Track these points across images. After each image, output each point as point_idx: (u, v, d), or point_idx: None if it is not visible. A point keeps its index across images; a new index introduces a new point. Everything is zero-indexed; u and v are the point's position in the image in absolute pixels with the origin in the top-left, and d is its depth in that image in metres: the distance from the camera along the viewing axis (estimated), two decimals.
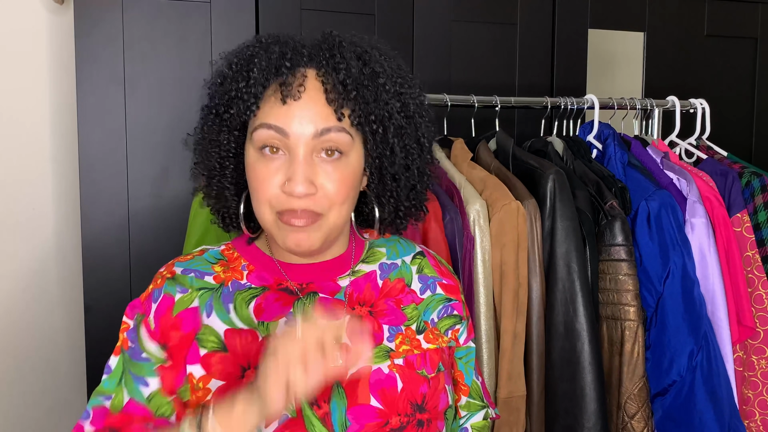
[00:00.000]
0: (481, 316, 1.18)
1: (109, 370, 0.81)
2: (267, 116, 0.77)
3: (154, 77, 1.50)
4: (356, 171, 0.81)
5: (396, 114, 0.81)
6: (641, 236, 1.27)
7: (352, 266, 0.88)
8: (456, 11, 1.70)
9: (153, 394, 0.79)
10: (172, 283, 0.83)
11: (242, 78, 0.79)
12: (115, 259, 1.49)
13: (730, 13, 1.94)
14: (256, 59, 0.79)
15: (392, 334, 0.85)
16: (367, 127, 0.80)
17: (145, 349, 0.80)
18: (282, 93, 0.76)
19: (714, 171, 1.47)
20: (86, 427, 0.78)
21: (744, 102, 1.99)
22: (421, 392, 0.82)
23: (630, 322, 1.21)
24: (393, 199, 0.86)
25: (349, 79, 0.78)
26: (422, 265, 0.92)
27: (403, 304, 0.88)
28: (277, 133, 0.76)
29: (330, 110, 0.77)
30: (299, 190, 0.75)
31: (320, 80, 0.78)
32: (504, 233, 1.18)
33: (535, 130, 1.56)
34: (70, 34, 1.55)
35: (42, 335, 1.74)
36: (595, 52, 1.83)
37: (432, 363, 0.85)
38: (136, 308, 0.83)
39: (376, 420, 0.79)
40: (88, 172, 1.46)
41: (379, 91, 0.80)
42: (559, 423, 1.19)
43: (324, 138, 0.77)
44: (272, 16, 1.56)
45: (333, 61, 0.78)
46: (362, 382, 0.80)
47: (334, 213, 0.79)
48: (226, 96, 0.80)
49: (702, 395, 1.23)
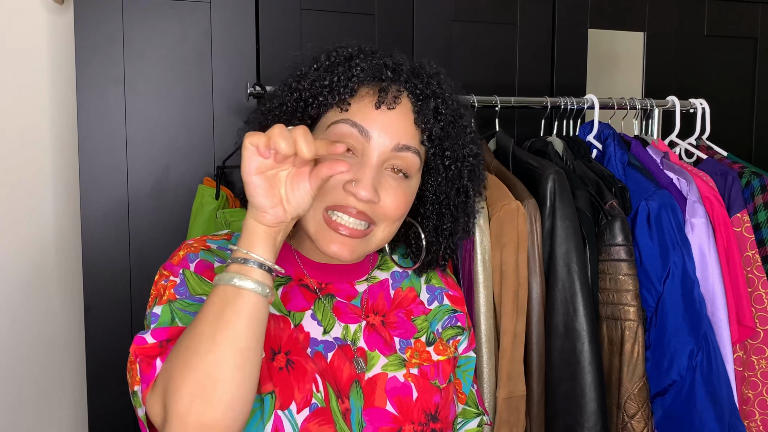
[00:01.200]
0: (481, 316, 1.18)
1: (156, 317, 0.75)
2: (355, 114, 0.77)
3: (154, 77, 1.50)
4: (413, 195, 0.81)
5: (470, 157, 0.83)
6: (641, 236, 1.27)
7: (370, 272, 0.89)
8: (456, 11, 1.70)
9: None
10: (209, 254, 0.81)
11: (342, 71, 0.79)
12: (115, 259, 1.49)
13: (730, 13, 1.94)
14: (358, 60, 0.80)
15: (403, 346, 0.85)
16: (441, 160, 0.81)
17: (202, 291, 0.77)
18: (378, 99, 0.77)
19: (714, 171, 1.47)
20: (148, 338, 0.73)
21: (744, 102, 1.99)
22: (435, 402, 0.83)
23: (630, 322, 1.21)
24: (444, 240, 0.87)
25: (442, 108, 0.80)
26: (430, 276, 0.93)
27: (414, 315, 0.88)
28: (360, 133, 0.76)
29: (415, 131, 0.78)
30: (364, 194, 0.74)
31: (413, 102, 0.79)
32: (504, 233, 1.18)
33: (535, 130, 1.56)
34: (70, 34, 1.55)
35: (42, 335, 1.74)
36: (595, 52, 1.83)
37: (444, 373, 0.86)
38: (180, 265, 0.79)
39: (389, 425, 0.79)
40: (88, 172, 1.46)
41: (461, 132, 0.82)
42: (559, 423, 1.19)
43: (400, 154, 0.77)
44: (272, 16, 1.56)
45: (430, 88, 0.80)
46: (379, 386, 0.80)
47: (384, 229, 0.79)
48: (317, 83, 0.79)
49: (702, 395, 1.23)
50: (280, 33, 1.57)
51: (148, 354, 0.72)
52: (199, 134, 1.52)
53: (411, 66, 0.83)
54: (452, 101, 0.83)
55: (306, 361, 0.77)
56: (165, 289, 0.77)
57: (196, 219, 1.38)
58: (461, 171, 0.83)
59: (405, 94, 0.79)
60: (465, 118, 0.84)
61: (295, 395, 0.75)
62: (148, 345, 0.72)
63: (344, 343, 0.82)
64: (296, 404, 0.75)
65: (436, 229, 0.87)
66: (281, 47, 1.57)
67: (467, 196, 0.86)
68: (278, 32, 1.57)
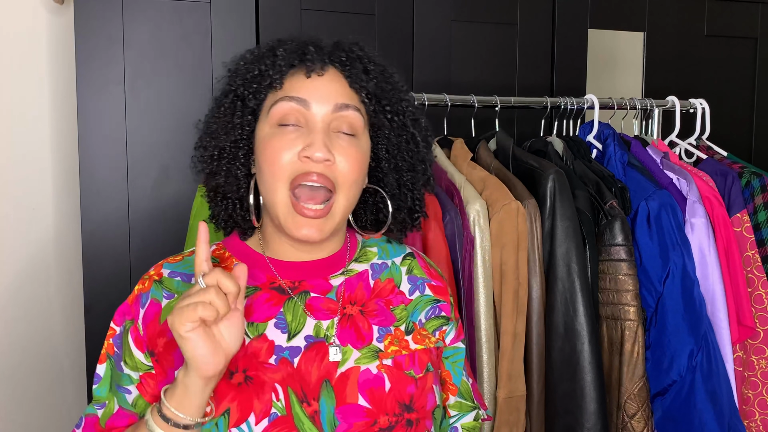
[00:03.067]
0: (481, 316, 1.18)
1: (98, 378, 0.84)
2: (290, 90, 0.81)
3: (154, 77, 1.50)
4: (366, 154, 0.84)
5: (410, 108, 0.87)
6: (641, 236, 1.27)
7: (346, 265, 0.89)
8: (456, 11, 1.70)
9: (135, 399, 0.82)
10: (159, 287, 0.83)
11: (267, 57, 0.83)
12: (115, 259, 1.49)
13: (730, 13, 1.94)
14: (279, 46, 0.84)
15: (382, 334, 0.85)
16: (383, 115, 0.85)
17: (130, 357, 0.82)
18: (307, 68, 0.81)
19: (714, 171, 1.47)
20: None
21: (744, 102, 1.99)
22: (409, 392, 0.83)
23: (630, 322, 1.21)
24: (408, 192, 0.90)
25: (370, 66, 0.84)
26: (412, 266, 0.93)
27: (393, 305, 0.88)
28: (299, 104, 0.80)
29: (350, 91, 0.83)
30: (319, 155, 0.77)
31: (340, 70, 0.83)
32: (504, 233, 1.18)
33: (535, 130, 1.56)
34: (70, 35, 1.55)
35: (42, 335, 1.74)
36: (595, 52, 1.83)
37: (420, 363, 0.86)
38: (125, 314, 0.84)
39: (364, 419, 0.79)
40: (88, 172, 1.46)
41: (395, 87, 0.86)
42: (559, 423, 1.19)
43: (342, 113, 0.81)
44: (272, 16, 1.56)
45: (353, 54, 0.84)
46: (351, 381, 0.81)
47: (344, 194, 0.81)
48: (248, 75, 0.83)
49: (702, 395, 1.23)
50: (280, 33, 1.55)
51: None
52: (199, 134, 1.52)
53: (331, 43, 0.87)
54: (378, 61, 0.87)
55: (265, 372, 0.79)
56: (107, 338, 0.85)
57: (196, 219, 1.38)
58: (404, 122, 0.87)
59: (332, 65, 0.83)
60: (394, 75, 0.88)
61: (254, 407, 0.77)
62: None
63: (317, 340, 0.82)
64: (255, 416, 0.76)
65: (398, 183, 0.89)
66: None
67: (416, 143, 0.89)
68: (278, 32, 1.56)
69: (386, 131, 0.86)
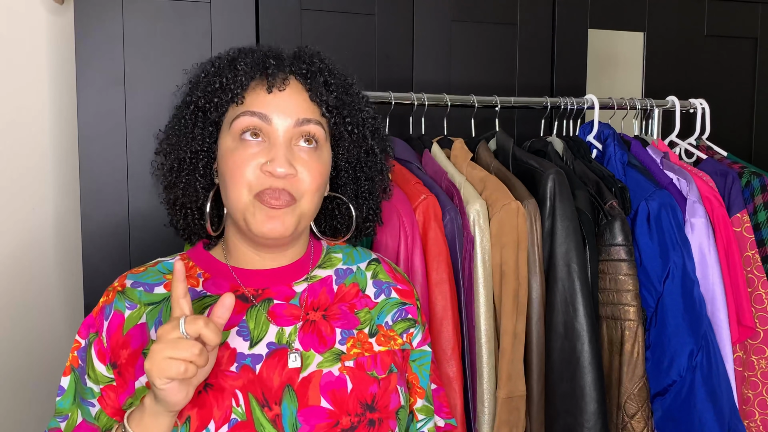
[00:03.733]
0: (481, 316, 1.18)
1: (62, 390, 0.85)
2: (251, 105, 0.82)
3: (154, 77, 1.50)
4: (327, 165, 0.86)
5: (370, 119, 0.89)
6: (641, 236, 1.27)
7: (309, 271, 0.90)
8: (456, 11, 1.70)
9: (98, 412, 0.83)
10: (122, 298, 0.85)
11: (228, 71, 0.83)
12: (115, 259, 1.48)
13: (730, 13, 1.94)
14: (240, 58, 0.84)
15: (344, 337, 0.86)
16: (344, 127, 0.87)
17: (93, 370, 0.83)
18: (268, 83, 0.82)
19: (714, 171, 1.47)
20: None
21: (744, 102, 1.99)
22: (371, 392, 0.84)
23: (630, 322, 1.21)
24: (365, 202, 0.92)
25: (332, 80, 0.86)
26: (377, 270, 0.94)
27: (357, 309, 0.89)
28: (260, 119, 0.81)
29: (311, 105, 0.84)
30: (280, 171, 0.79)
31: (302, 82, 0.84)
32: (504, 233, 1.18)
33: (535, 130, 1.57)
34: (70, 34, 1.55)
35: (42, 335, 1.74)
36: (595, 52, 1.83)
37: (383, 365, 0.86)
38: (90, 327, 0.85)
39: (326, 420, 0.80)
40: (88, 172, 1.46)
41: (355, 99, 0.88)
42: (559, 423, 1.19)
43: (303, 128, 0.82)
44: (272, 16, 1.56)
45: (314, 66, 0.85)
46: (313, 384, 0.81)
47: (307, 200, 0.83)
48: (209, 88, 0.84)
49: (702, 395, 1.23)
50: (280, 33, 1.57)
51: None
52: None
53: (292, 53, 0.88)
54: (339, 73, 0.88)
55: (225, 379, 0.80)
56: (72, 350, 0.85)
57: None
58: (364, 133, 0.89)
59: (293, 77, 0.84)
60: (354, 86, 0.89)
61: (214, 414, 0.78)
62: None
63: (279, 347, 0.83)
64: (215, 422, 0.77)
65: (355, 193, 0.92)
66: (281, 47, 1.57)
67: (375, 155, 0.91)
68: (278, 32, 1.57)
69: (346, 143, 0.88)
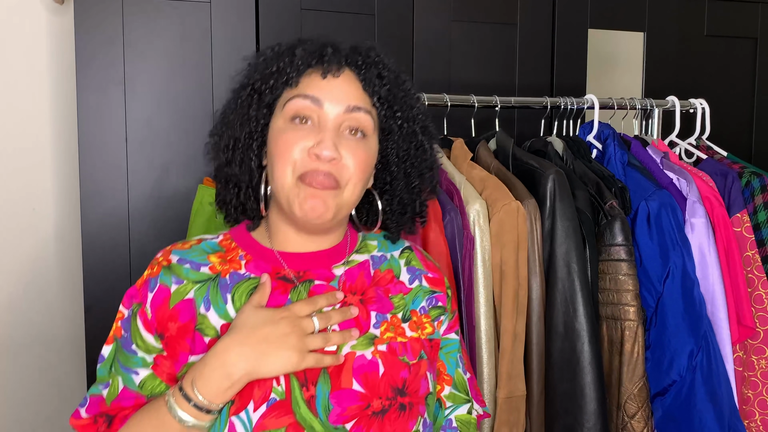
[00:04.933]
0: (481, 316, 1.18)
1: (102, 358, 0.86)
2: (305, 88, 0.84)
3: (154, 77, 1.50)
4: (373, 155, 0.87)
5: (420, 115, 0.91)
6: (641, 236, 1.27)
7: (347, 256, 0.92)
8: (456, 11, 1.70)
9: (144, 380, 0.83)
10: (168, 273, 0.85)
11: (286, 55, 0.86)
12: (115, 258, 1.49)
13: (730, 13, 1.94)
14: (299, 46, 0.87)
15: (379, 321, 0.88)
16: (393, 121, 0.88)
17: (140, 339, 0.84)
18: (324, 69, 0.84)
19: (714, 171, 1.47)
20: (82, 413, 0.84)
21: (744, 102, 1.99)
22: (402, 377, 0.85)
23: (630, 322, 1.21)
24: (417, 198, 0.94)
25: (385, 72, 0.87)
26: (410, 258, 0.97)
27: (392, 293, 0.91)
28: (312, 103, 0.83)
29: (363, 94, 0.86)
30: (326, 153, 0.81)
31: (356, 72, 0.86)
32: (504, 233, 1.18)
33: (535, 130, 1.57)
34: (70, 34, 1.55)
35: (42, 335, 1.74)
36: (595, 52, 1.83)
37: (413, 351, 0.88)
38: (133, 297, 0.86)
39: (357, 403, 0.82)
40: (88, 172, 1.46)
41: (407, 95, 0.90)
42: (558, 423, 1.19)
43: (353, 115, 0.84)
44: (272, 16, 1.56)
45: (369, 59, 0.87)
46: (346, 368, 0.83)
47: (350, 189, 0.84)
48: (267, 71, 0.86)
49: (702, 395, 1.23)
50: (280, 33, 1.57)
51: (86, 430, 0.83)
52: (199, 134, 1.52)
53: (349, 45, 0.90)
54: (393, 68, 0.90)
55: None
56: (116, 321, 0.87)
57: (196, 219, 1.38)
58: (414, 129, 0.90)
59: (348, 67, 0.86)
60: (407, 83, 0.91)
61: (254, 393, 0.79)
62: (84, 421, 0.84)
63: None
64: (254, 402, 0.79)
65: (406, 186, 0.93)
66: None
67: (425, 151, 0.92)
68: (278, 32, 1.57)
69: (396, 137, 0.90)
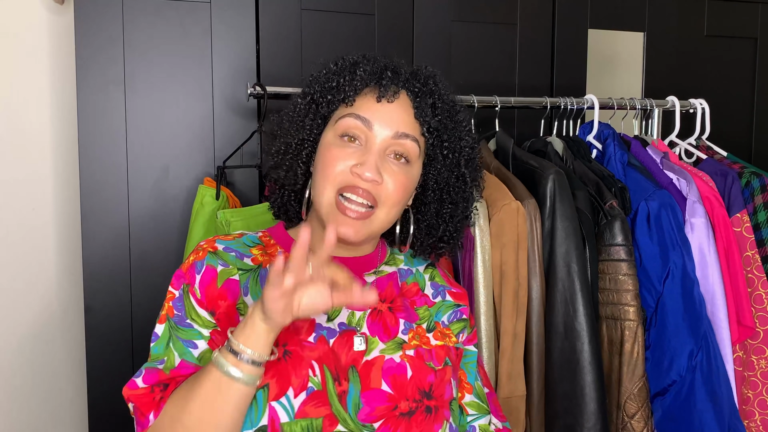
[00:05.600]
0: (481, 316, 1.18)
1: (156, 336, 0.87)
2: (359, 108, 0.87)
3: (154, 77, 1.50)
4: (414, 181, 0.91)
5: (467, 148, 0.93)
6: (641, 236, 1.27)
7: (378, 266, 0.96)
8: (456, 11, 1.70)
9: (203, 353, 0.85)
10: (214, 257, 0.89)
11: (347, 73, 0.89)
12: (115, 259, 1.48)
13: (730, 13, 1.94)
14: (361, 64, 0.89)
15: (406, 328, 0.92)
16: (439, 150, 0.91)
17: (197, 315, 0.86)
18: (380, 92, 0.87)
19: (714, 171, 1.47)
20: (139, 383, 0.84)
21: (744, 102, 1.99)
22: (429, 381, 0.89)
23: (630, 322, 1.21)
24: (443, 224, 0.96)
25: (439, 104, 0.90)
26: (434, 274, 1.01)
27: (417, 305, 0.95)
28: (363, 124, 0.86)
29: (414, 123, 0.88)
30: (368, 175, 0.84)
31: (411, 99, 0.89)
32: (504, 233, 1.18)
33: (535, 130, 1.56)
34: (70, 34, 1.55)
35: (42, 335, 1.74)
36: (595, 52, 1.83)
37: (438, 357, 0.92)
38: (181, 278, 0.88)
39: (386, 404, 0.85)
40: (88, 172, 1.46)
41: (457, 125, 0.93)
42: (558, 423, 1.19)
43: (400, 141, 0.87)
44: (272, 16, 1.56)
45: (427, 87, 0.90)
46: (375, 368, 0.86)
47: (385, 211, 0.88)
48: (327, 85, 0.90)
49: (702, 395, 1.23)
50: (280, 33, 1.57)
51: (142, 401, 0.82)
52: (199, 134, 1.52)
53: (410, 69, 0.93)
54: (448, 98, 0.92)
55: (303, 348, 0.84)
56: (167, 301, 0.88)
57: (196, 219, 1.38)
58: (459, 160, 0.93)
59: (404, 92, 0.89)
60: (460, 113, 0.94)
61: (292, 381, 0.82)
62: (140, 390, 0.83)
63: (349, 329, 0.89)
64: (293, 389, 0.81)
65: (437, 213, 0.95)
66: (281, 47, 1.57)
67: (465, 182, 0.95)
68: (278, 32, 1.57)
69: (438, 165, 0.92)
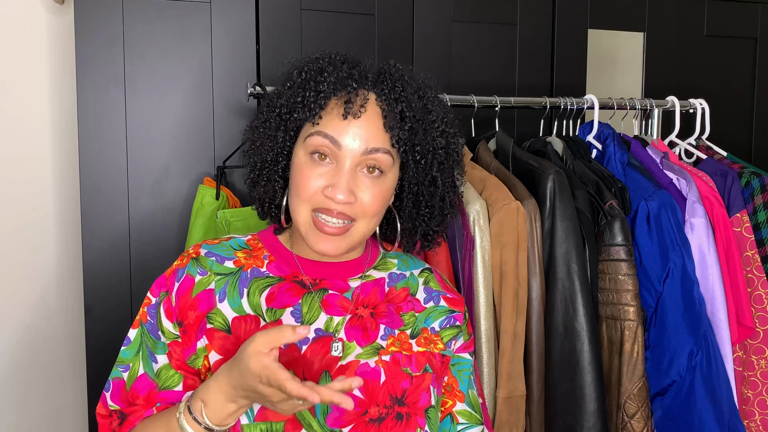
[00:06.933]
0: (481, 316, 1.18)
1: (128, 341, 0.90)
2: (325, 126, 0.85)
3: (154, 77, 1.50)
4: (390, 189, 0.90)
5: (440, 150, 0.91)
6: (641, 236, 1.27)
7: (365, 270, 0.95)
8: (456, 11, 1.70)
9: (161, 369, 0.88)
10: (195, 264, 0.91)
11: (310, 87, 0.87)
12: (115, 259, 1.49)
13: (730, 13, 1.94)
14: (325, 73, 0.87)
15: (386, 334, 0.91)
16: (411, 156, 0.89)
17: (161, 326, 0.88)
18: (345, 109, 0.84)
19: (714, 171, 1.47)
20: (107, 399, 0.89)
21: (744, 102, 1.99)
22: (402, 387, 0.88)
23: (629, 322, 1.21)
24: (420, 225, 0.95)
25: (408, 112, 0.87)
26: (428, 279, 1.00)
27: (403, 311, 0.94)
28: (331, 143, 0.84)
29: (383, 134, 0.86)
30: (340, 198, 0.83)
31: (380, 106, 0.86)
32: (504, 233, 1.18)
33: (535, 130, 1.57)
34: (70, 34, 1.55)
35: (42, 335, 1.74)
36: (595, 52, 1.83)
37: (418, 364, 0.90)
38: (161, 286, 0.90)
39: (355, 408, 0.84)
40: (88, 172, 1.46)
41: (429, 128, 0.89)
42: (558, 423, 1.19)
43: (371, 156, 0.85)
44: (272, 16, 1.56)
45: (395, 93, 0.87)
46: (348, 373, 0.86)
47: (364, 223, 0.87)
48: (291, 100, 0.89)
49: (702, 395, 1.23)
50: (280, 33, 1.57)
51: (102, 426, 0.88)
52: (199, 134, 1.52)
53: (377, 70, 0.90)
54: (418, 101, 0.89)
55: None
56: (143, 306, 0.91)
57: (196, 219, 1.38)
58: (431, 164, 0.91)
59: (373, 99, 0.87)
60: (432, 113, 0.91)
61: None
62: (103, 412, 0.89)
63: (326, 334, 0.88)
64: None
65: (411, 215, 0.95)
66: (281, 47, 1.57)
67: (436, 186, 0.93)
68: (278, 32, 1.57)
69: (410, 172, 0.91)
